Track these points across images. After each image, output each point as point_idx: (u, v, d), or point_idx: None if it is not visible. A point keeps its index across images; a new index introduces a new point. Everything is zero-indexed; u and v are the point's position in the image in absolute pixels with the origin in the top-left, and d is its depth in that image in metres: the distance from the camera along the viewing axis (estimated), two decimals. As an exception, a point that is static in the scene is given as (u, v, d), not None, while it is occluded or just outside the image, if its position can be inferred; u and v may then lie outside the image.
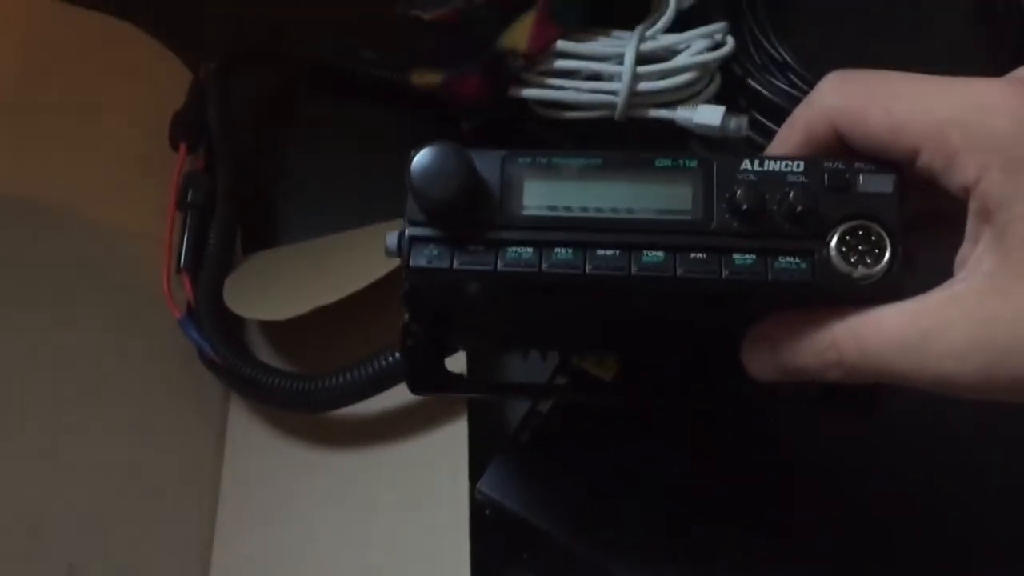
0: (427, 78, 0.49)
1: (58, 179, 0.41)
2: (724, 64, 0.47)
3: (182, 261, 0.44)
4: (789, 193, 0.25)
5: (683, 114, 0.46)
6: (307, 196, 0.51)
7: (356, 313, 0.43)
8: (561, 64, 0.47)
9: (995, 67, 0.46)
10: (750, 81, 0.47)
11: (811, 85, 0.46)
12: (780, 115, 0.46)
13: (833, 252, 0.25)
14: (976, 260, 0.24)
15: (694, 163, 0.26)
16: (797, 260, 0.25)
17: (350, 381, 0.40)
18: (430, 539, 0.39)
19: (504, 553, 0.41)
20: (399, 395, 0.39)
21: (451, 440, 0.40)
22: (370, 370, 0.39)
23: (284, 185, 0.52)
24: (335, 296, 0.38)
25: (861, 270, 0.25)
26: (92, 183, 0.43)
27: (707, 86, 0.47)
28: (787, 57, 0.47)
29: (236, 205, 0.45)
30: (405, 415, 0.42)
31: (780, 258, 0.25)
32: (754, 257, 0.25)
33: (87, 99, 0.44)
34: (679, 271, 0.25)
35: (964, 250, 0.24)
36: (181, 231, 0.44)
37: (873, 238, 0.25)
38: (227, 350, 0.42)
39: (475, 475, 0.39)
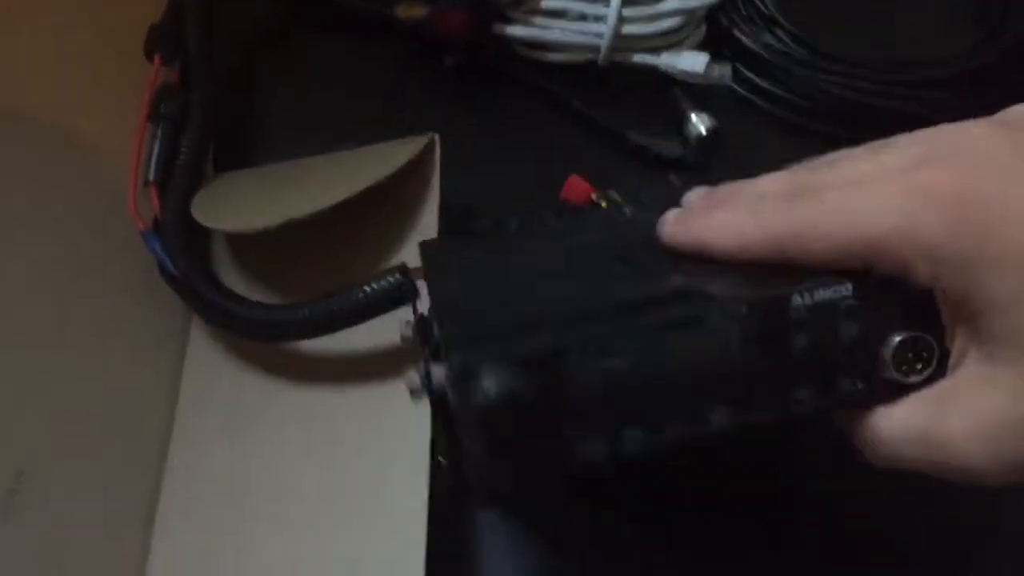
0: (412, 11, 0.48)
1: (32, 91, 0.40)
2: (710, 13, 0.47)
3: (151, 174, 0.43)
4: (843, 322, 0.25)
5: (667, 60, 0.46)
6: (285, 124, 0.50)
7: (325, 241, 0.42)
8: (548, 4, 0.47)
9: (982, 26, 0.47)
10: (735, 32, 0.47)
11: (796, 41, 0.47)
12: (763, 68, 0.47)
13: (889, 367, 0.25)
14: (961, 349, 0.25)
15: (745, 309, 0.25)
16: (856, 383, 0.25)
17: (313, 315, 0.38)
18: (390, 468, 0.38)
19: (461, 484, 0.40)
20: (369, 327, 0.38)
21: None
22: (335, 307, 0.37)
23: (262, 111, 0.51)
24: (309, 209, 0.37)
25: (914, 378, 0.25)
26: (67, 96, 0.42)
27: (692, 33, 0.47)
28: (774, 11, 0.47)
29: (210, 120, 0.44)
30: (373, 347, 0.41)
31: (839, 382, 0.25)
32: (814, 389, 0.25)
33: (63, 13, 0.43)
34: (748, 419, 0.25)
35: (949, 334, 0.25)
36: (151, 143, 0.43)
37: (922, 345, 0.25)
38: (189, 266, 0.41)
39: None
